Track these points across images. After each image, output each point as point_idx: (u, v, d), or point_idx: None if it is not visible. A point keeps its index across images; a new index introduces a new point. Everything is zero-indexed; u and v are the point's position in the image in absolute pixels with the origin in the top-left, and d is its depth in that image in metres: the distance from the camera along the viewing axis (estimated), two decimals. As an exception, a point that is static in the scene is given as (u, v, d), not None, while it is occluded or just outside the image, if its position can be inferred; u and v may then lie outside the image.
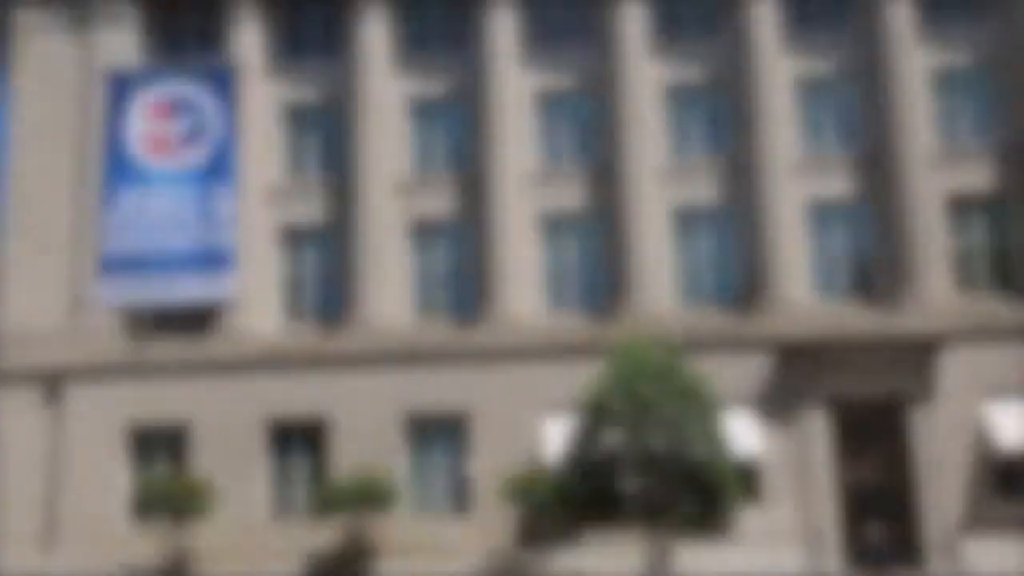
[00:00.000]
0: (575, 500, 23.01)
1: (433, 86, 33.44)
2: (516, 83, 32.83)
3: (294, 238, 32.98)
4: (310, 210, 32.90)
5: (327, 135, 33.71)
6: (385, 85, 33.07)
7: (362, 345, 30.79)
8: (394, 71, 33.42)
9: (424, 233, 32.61)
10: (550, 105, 33.25)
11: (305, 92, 33.78)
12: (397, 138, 33.05)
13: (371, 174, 32.23)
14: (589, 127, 32.90)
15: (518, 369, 30.28)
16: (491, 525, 29.28)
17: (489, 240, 31.50)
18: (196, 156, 32.49)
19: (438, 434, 30.64)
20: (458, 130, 33.31)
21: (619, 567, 27.84)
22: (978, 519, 28.57)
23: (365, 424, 30.34)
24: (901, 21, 31.72)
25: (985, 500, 28.80)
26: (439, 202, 32.59)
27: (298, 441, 30.93)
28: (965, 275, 30.99)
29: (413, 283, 32.29)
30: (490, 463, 29.59)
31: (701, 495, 22.57)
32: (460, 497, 30.13)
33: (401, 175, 32.84)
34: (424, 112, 33.57)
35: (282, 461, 30.85)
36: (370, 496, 28.02)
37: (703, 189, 31.99)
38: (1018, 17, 31.66)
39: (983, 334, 29.44)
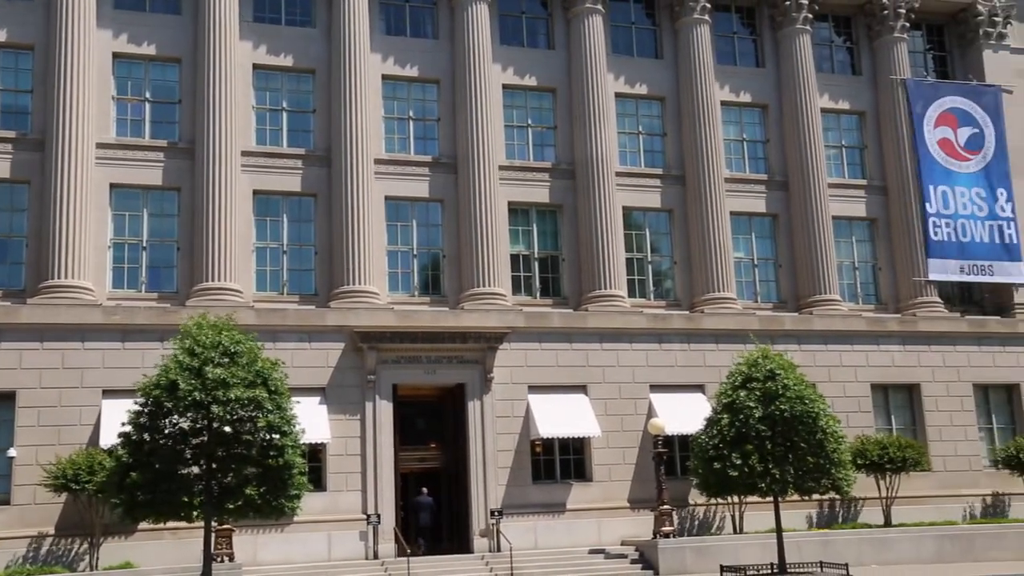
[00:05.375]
0: (133, 486, 21.95)
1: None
2: (97, 45, 30.70)
3: None
4: None
5: None
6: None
7: None
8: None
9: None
10: (132, 72, 31.54)
11: None
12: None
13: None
14: (175, 100, 31.67)
15: (75, 347, 28.22)
16: (35, 514, 26.92)
17: (50, 209, 28.96)
18: None
19: (-25, 416, 27.78)
20: (25, 86, 30.56)
21: (176, 556, 27.00)
22: (518, 502, 31.22)
23: None
24: (483, 38, 34.00)
25: (525, 484, 31.49)
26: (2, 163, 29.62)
27: None
28: (521, 277, 33.92)
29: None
30: (37, 447, 27.20)
31: (267, 480, 22.57)
32: (-1, 484, 27.51)
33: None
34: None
35: None
36: None
37: (288, 177, 32.07)
38: (576, 50, 35.14)
39: (532, 332, 32.38)
